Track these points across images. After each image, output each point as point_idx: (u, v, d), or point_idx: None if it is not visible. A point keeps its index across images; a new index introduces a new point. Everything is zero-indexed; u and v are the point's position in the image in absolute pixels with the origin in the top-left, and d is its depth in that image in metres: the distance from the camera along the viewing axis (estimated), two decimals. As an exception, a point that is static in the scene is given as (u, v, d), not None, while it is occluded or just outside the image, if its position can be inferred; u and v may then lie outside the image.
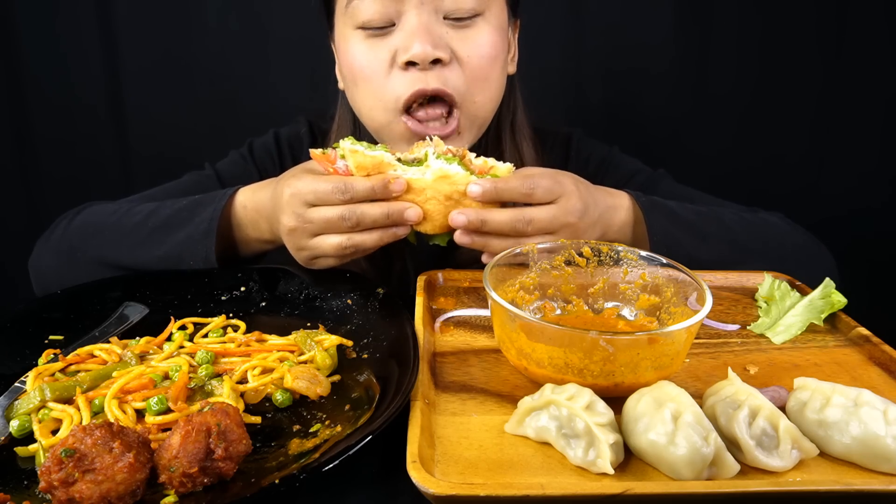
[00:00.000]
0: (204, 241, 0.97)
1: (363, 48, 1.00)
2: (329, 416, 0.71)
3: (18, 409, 0.70)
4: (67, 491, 0.55)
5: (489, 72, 1.02)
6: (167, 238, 0.99)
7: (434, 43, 0.95)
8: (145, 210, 1.04)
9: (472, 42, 0.99)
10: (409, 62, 0.96)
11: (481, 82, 1.01)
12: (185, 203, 1.02)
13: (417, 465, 0.58)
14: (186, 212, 1.00)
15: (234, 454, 0.59)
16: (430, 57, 0.95)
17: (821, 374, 0.80)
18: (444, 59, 0.97)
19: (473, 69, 0.99)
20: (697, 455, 0.59)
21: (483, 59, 1.00)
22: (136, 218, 1.03)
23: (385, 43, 0.98)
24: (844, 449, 0.63)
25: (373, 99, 1.02)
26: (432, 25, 0.96)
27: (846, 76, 1.85)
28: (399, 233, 0.90)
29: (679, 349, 0.71)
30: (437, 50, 0.96)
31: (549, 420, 0.65)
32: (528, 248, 0.87)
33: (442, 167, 0.88)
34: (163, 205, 1.04)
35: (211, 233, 0.96)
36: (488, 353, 0.83)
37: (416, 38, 0.95)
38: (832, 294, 0.93)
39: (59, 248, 1.08)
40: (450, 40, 0.98)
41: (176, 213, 1.01)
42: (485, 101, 1.04)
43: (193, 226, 0.98)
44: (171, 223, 1.00)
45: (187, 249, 0.98)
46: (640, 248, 0.87)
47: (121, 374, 0.73)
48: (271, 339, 0.84)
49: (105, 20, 1.75)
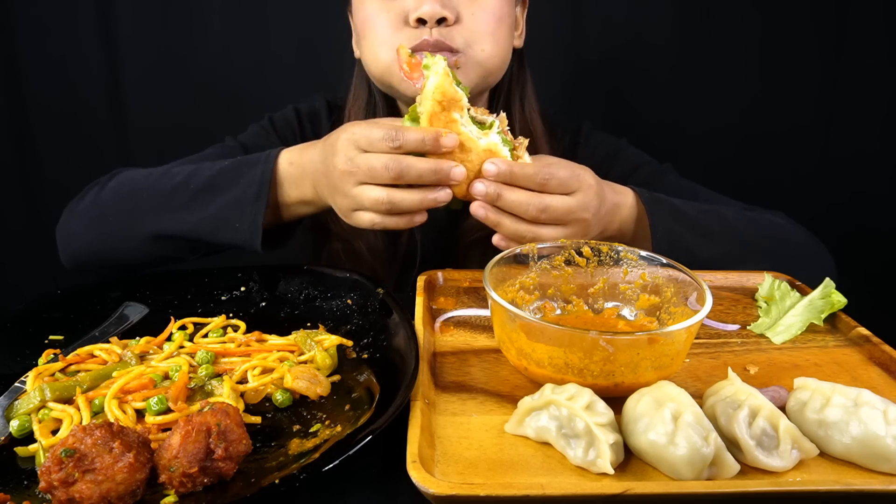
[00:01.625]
0: (255, 203, 0.95)
1: (377, 8, 1.07)
2: (329, 416, 0.71)
3: (18, 409, 0.70)
4: (67, 491, 0.55)
5: (495, 28, 1.08)
6: (212, 200, 0.97)
7: (442, 3, 1.03)
8: (184, 172, 1.01)
9: (477, 4, 1.07)
10: (420, 20, 1.03)
11: (488, 36, 1.08)
12: (227, 164, 1.00)
13: (417, 465, 0.58)
14: (232, 172, 0.98)
15: (234, 454, 0.59)
16: (437, 14, 1.02)
17: (821, 374, 0.80)
18: (450, 19, 1.04)
19: (479, 25, 1.07)
20: (697, 455, 0.59)
21: (488, 15, 1.07)
22: (176, 179, 1.01)
23: (396, 3, 1.05)
24: (844, 449, 0.63)
25: (379, 44, 1.08)
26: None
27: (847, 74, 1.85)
28: (440, 198, 0.87)
29: (679, 349, 0.71)
30: (444, 9, 1.03)
31: (549, 420, 0.65)
32: (528, 248, 0.87)
33: (497, 143, 0.88)
34: (202, 166, 1.02)
35: (262, 196, 0.95)
36: (488, 353, 0.83)
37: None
38: (832, 294, 0.93)
39: (90, 214, 1.05)
40: (457, 4, 1.05)
41: (220, 174, 0.99)
42: (492, 53, 1.09)
43: (241, 188, 0.96)
44: (216, 184, 0.98)
45: (235, 212, 0.96)
46: (641, 245, 0.87)
47: (121, 374, 0.73)
48: (271, 339, 0.84)
49: (105, 20, 1.74)
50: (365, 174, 0.86)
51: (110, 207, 1.03)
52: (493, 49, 1.10)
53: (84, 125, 1.83)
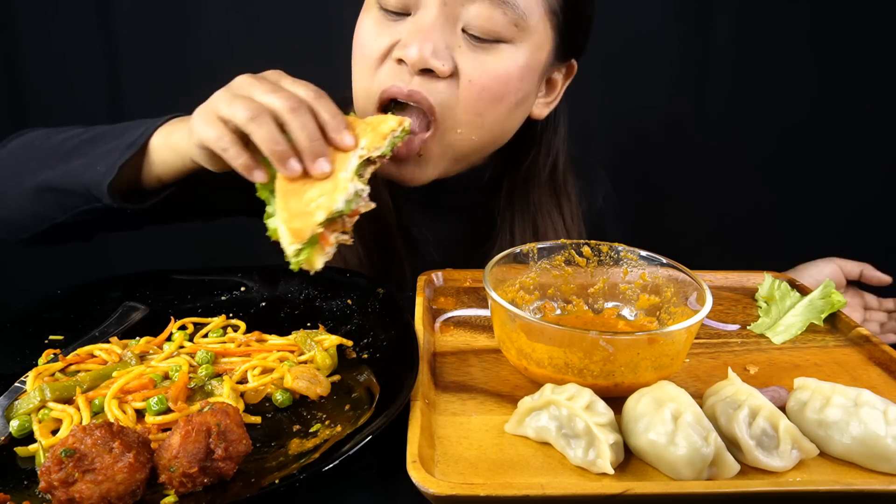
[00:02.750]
0: (125, 151, 0.85)
1: (371, 27, 0.91)
2: (329, 416, 0.71)
3: (18, 409, 0.70)
4: (67, 491, 0.55)
5: (486, 108, 0.90)
6: (93, 150, 0.89)
7: (435, 50, 0.84)
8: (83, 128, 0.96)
9: (482, 67, 0.87)
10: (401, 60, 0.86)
11: (473, 115, 0.89)
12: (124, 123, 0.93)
13: (417, 465, 0.58)
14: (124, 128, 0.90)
15: (234, 454, 0.59)
16: (422, 64, 0.84)
17: (821, 374, 0.80)
18: (440, 73, 0.86)
19: (471, 95, 0.88)
20: (697, 455, 0.59)
21: (486, 90, 0.88)
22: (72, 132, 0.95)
23: (392, 29, 0.88)
24: (844, 449, 0.63)
25: (359, 81, 0.95)
26: (443, 31, 0.85)
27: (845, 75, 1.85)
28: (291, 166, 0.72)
29: (679, 349, 0.71)
30: (434, 58, 0.84)
31: (549, 420, 0.65)
32: (528, 247, 0.87)
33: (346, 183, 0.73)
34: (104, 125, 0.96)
35: (135, 146, 0.85)
36: (488, 353, 0.83)
37: (417, 38, 0.84)
38: (832, 294, 0.93)
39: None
40: (459, 55, 0.87)
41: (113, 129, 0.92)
42: (470, 137, 0.91)
43: (122, 139, 0.87)
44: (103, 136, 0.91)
45: (104, 159, 0.86)
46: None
47: (121, 374, 0.73)
48: (271, 339, 0.84)
49: (104, 19, 1.74)
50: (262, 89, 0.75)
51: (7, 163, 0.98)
52: (472, 132, 0.91)
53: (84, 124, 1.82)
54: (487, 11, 0.85)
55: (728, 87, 1.87)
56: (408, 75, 0.87)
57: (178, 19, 1.76)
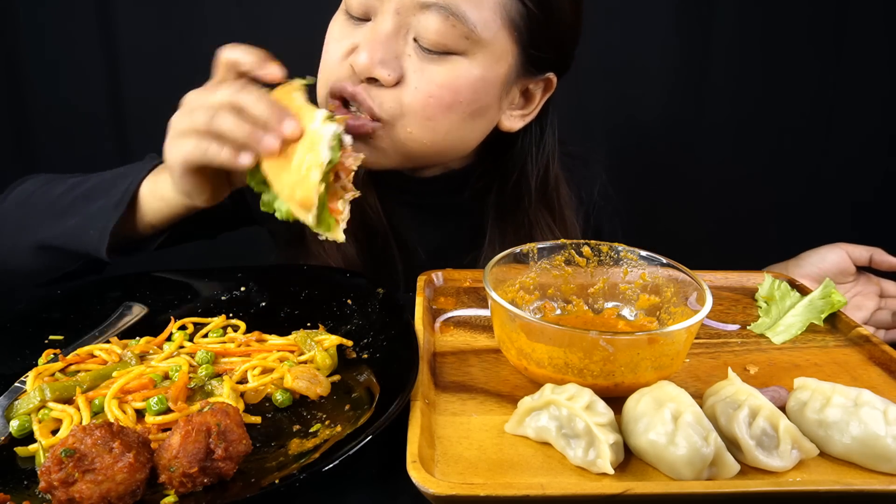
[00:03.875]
0: (113, 211, 0.87)
1: (336, 30, 0.95)
2: (329, 416, 0.71)
3: (18, 409, 0.70)
4: (67, 491, 0.55)
5: (434, 114, 0.90)
6: (85, 208, 0.90)
7: (383, 59, 0.87)
8: (75, 181, 0.96)
9: (429, 78, 0.88)
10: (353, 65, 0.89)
11: (422, 119, 0.90)
12: (111, 173, 0.94)
13: (417, 465, 0.58)
14: (110, 182, 0.91)
15: (234, 454, 0.59)
16: (367, 73, 0.87)
17: (821, 374, 0.80)
18: (385, 82, 0.88)
19: (415, 104, 0.89)
20: (697, 455, 0.59)
21: (431, 98, 0.89)
22: (62, 188, 0.95)
23: (354, 33, 0.91)
24: (844, 449, 0.63)
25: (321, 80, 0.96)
26: (394, 40, 0.88)
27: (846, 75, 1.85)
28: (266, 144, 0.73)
29: (679, 349, 0.71)
30: (380, 66, 0.87)
31: (549, 420, 0.65)
32: (528, 247, 0.87)
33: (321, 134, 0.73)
34: (94, 175, 0.96)
35: (122, 203, 0.87)
36: (488, 353, 0.83)
37: (367, 46, 0.87)
38: (832, 294, 0.93)
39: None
40: (407, 64, 0.89)
41: (101, 183, 0.92)
42: (422, 137, 0.92)
43: (109, 197, 0.89)
44: (93, 193, 0.92)
45: (95, 220, 0.88)
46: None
47: (121, 374, 0.73)
48: (271, 339, 0.84)
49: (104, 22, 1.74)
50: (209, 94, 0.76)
51: (6, 216, 1.00)
52: (425, 137, 0.92)
53: (83, 126, 1.83)
54: (436, 24, 0.86)
55: (728, 87, 1.87)
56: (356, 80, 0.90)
57: (178, 20, 1.76)
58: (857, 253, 1.10)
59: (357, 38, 0.90)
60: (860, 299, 1.11)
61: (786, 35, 1.82)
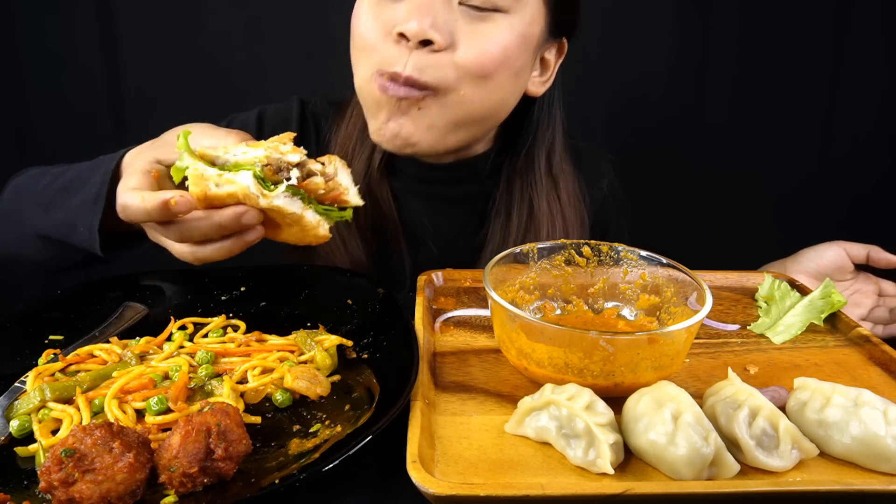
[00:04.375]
0: (93, 206, 0.86)
1: (368, 9, 0.94)
2: (329, 416, 0.71)
3: (18, 409, 0.70)
4: (67, 491, 0.55)
5: (490, 71, 0.92)
6: (66, 202, 0.90)
7: (433, 23, 0.87)
8: (56, 172, 0.96)
9: (480, 36, 0.90)
10: (402, 34, 0.88)
11: (477, 78, 0.92)
12: (85, 164, 0.93)
13: (417, 465, 0.58)
14: (86, 173, 0.90)
15: (234, 454, 0.59)
16: (421, 35, 0.86)
17: (821, 374, 0.80)
18: (438, 44, 0.88)
19: (471, 63, 0.90)
20: (697, 455, 0.59)
21: (486, 56, 0.90)
22: (46, 179, 0.96)
23: (391, 9, 0.91)
24: (844, 449, 0.63)
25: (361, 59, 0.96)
26: (441, 5, 0.88)
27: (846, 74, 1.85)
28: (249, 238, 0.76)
29: (679, 349, 0.71)
30: (432, 30, 0.86)
31: (549, 420, 0.65)
32: (528, 247, 0.87)
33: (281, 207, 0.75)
34: (72, 166, 0.96)
35: (100, 198, 0.85)
36: (488, 353, 0.83)
37: (416, 13, 0.87)
38: (832, 294, 0.93)
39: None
40: (456, 28, 0.89)
41: (76, 175, 0.92)
42: (475, 98, 0.93)
43: (86, 190, 0.88)
44: (71, 185, 0.91)
45: (80, 216, 0.88)
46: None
47: (121, 374, 0.73)
48: (271, 339, 0.84)
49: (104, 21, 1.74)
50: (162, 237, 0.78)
51: (4, 210, 1.01)
52: (477, 96, 0.93)
53: (84, 125, 1.83)
54: None
55: (728, 87, 1.87)
56: (406, 51, 0.89)
57: (178, 20, 1.76)
58: (854, 250, 1.10)
59: (394, 15, 0.90)
60: (858, 297, 1.11)
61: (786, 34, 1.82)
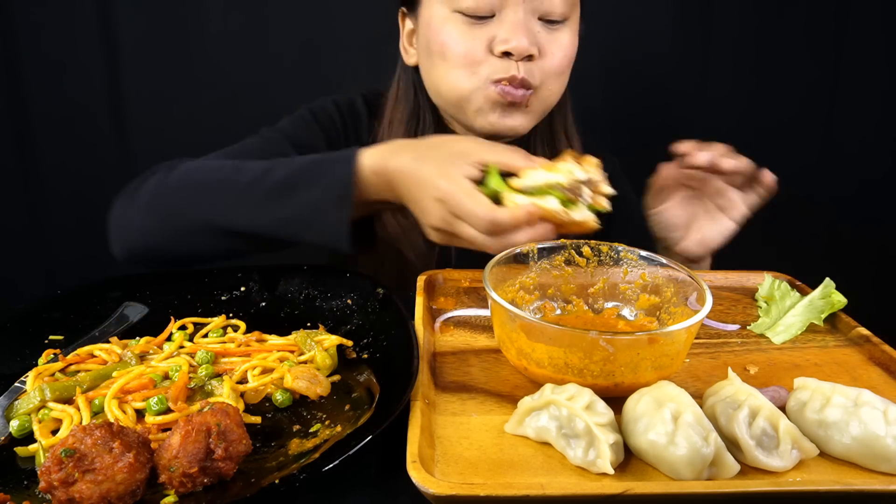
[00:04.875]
0: (339, 204, 0.92)
1: (461, 31, 1.08)
2: (329, 416, 0.71)
3: (18, 409, 0.70)
4: (67, 491, 0.55)
5: (565, 68, 1.15)
6: (291, 199, 0.94)
7: (530, 40, 1.06)
8: (258, 167, 0.98)
9: (558, 43, 1.11)
10: (506, 52, 1.06)
11: (557, 76, 1.13)
12: (304, 161, 0.97)
13: (417, 465, 0.58)
14: (310, 171, 0.95)
15: (234, 454, 0.59)
16: (526, 52, 1.05)
17: (821, 374, 0.80)
18: (535, 56, 1.08)
19: (554, 66, 1.11)
20: (697, 455, 0.59)
21: (564, 58, 1.12)
22: (250, 175, 0.97)
23: (483, 30, 1.07)
24: (844, 449, 0.63)
25: (462, 73, 1.09)
26: (529, 23, 1.07)
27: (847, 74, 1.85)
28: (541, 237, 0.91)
29: (679, 349, 0.71)
30: (532, 46, 1.06)
31: (549, 420, 0.65)
32: (528, 248, 0.87)
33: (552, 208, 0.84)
34: (277, 163, 0.99)
35: (346, 198, 0.92)
36: (488, 353, 0.83)
37: (517, 33, 1.05)
38: (832, 294, 0.93)
39: (156, 208, 1.01)
40: (540, 38, 1.09)
41: (298, 172, 0.96)
42: (555, 90, 1.16)
43: (323, 188, 0.93)
44: (295, 183, 0.95)
45: (318, 213, 0.93)
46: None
47: (121, 374, 0.73)
48: (271, 339, 0.84)
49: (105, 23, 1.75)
50: (465, 241, 0.87)
51: (177, 200, 1.00)
52: (559, 88, 1.16)
53: (84, 127, 1.83)
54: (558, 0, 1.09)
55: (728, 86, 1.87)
56: (514, 64, 1.06)
57: (179, 21, 1.76)
58: (666, 174, 1.19)
59: (489, 33, 1.07)
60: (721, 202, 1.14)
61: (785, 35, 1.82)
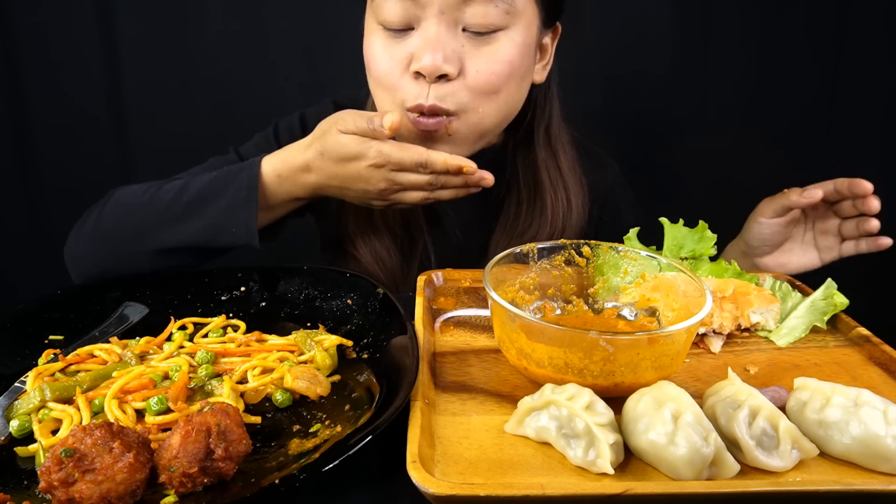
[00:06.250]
0: (246, 206, 0.97)
1: (381, 47, 1.01)
2: (329, 416, 0.71)
3: (18, 409, 0.70)
4: (67, 491, 0.55)
5: (498, 86, 1.00)
6: (206, 210, 0.99)
7: (445, 57, 0.95)
8: (176, 187, 1.03)
9: (486, 58, 0.98)
10: (418, 73, 0.97)
11: (487, 95, 1.00)
12: (214, 175, 1.02)
13: (417, 465, 0.58)
14: (219, 182, 1.00)
15: (234, 454, 0.59)
16: (437, 71, 0.95)
17: (821, 374, 0.80)
18: (451, 76, 0.96)
19: (481, 84, 0.98)
20: (697, 455, 0.59)
21: (494, 75, 0.99)
22: (169, 195, 1.02)
23: (402, 45, 0.98)
24: (844, 449, 0.63)
25: (384, 95, 1.04)
26: (448, 38, 0.95)
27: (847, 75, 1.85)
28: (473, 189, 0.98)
29: (679, 349, 0.71)
30: (445, 64, 0.95)
31: (549, 420, 0.65)
32: (528, 247, 0.87)
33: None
34: (192, 180, 1.03)
35: (252, 199, 0.97)
36: (488, 353, 0.83)
37: (428, 50, 0.94)
38: (834, 295, 0.93)
39: (94, 236, 1.06)
40: (464, 53, 0.97)
41: (209, 185, 1.01)
42: (489, 113, 1.02)
43: (230, 194, 0.98)
44: (206, 195, 1.00)
45: (230, 217, 0.98)
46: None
47: (121, 374, 0.73)
48: (271, 339, 0.84)
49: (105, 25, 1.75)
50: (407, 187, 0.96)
51: (112, 229, 1.04)
52: (492, 110, 1.02)
53: (84, 129, 1.83)
54: (482, 9, 0.95)
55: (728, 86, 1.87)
56: (426, 84, 0.97)
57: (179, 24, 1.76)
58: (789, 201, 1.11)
59: (407, 49, 0.98)
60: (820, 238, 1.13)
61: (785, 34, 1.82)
